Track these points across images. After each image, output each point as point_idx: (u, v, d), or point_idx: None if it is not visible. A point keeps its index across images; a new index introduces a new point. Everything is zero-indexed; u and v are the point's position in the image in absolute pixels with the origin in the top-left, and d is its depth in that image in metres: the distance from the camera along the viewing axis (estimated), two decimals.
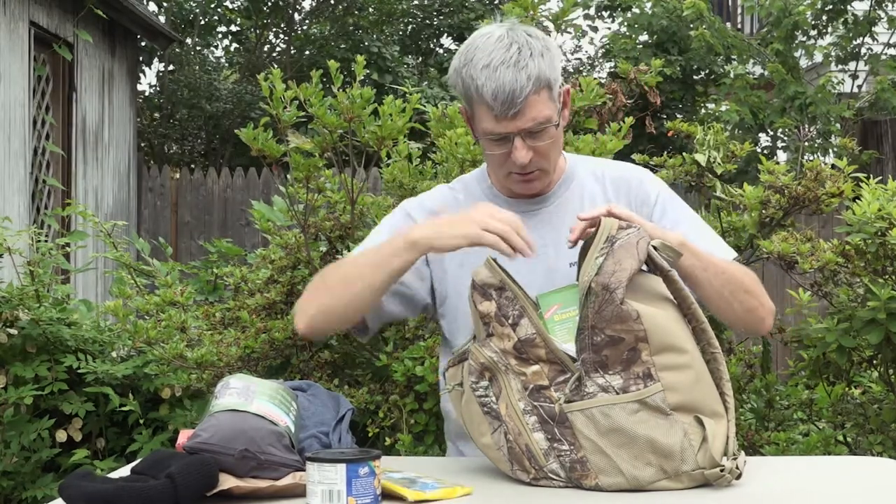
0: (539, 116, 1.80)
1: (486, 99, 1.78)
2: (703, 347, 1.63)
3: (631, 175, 2.00)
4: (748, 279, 1.86)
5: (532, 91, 1.77)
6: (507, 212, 1.72)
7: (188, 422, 3.23)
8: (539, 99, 1.79)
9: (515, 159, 1.83)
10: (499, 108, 1.78)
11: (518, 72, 1.76)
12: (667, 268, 1.63)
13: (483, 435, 1.65)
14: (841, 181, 2.76)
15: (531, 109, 1.79)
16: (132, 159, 9.27)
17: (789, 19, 8.19)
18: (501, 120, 1.79)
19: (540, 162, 1.86)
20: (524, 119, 1.79)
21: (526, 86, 1.76)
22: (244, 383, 1.62)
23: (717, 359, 1.64)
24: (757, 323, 1.87)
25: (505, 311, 1.62)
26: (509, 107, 1.77)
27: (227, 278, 3.08)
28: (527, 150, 1.82)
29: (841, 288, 2.73)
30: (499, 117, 1.79)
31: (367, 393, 2.71)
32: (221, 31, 13.44)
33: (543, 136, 1.83)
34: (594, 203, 1.93)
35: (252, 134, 2.64)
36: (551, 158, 1.88)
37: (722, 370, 1.64)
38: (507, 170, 1.87)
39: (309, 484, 1.45)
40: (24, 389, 3.19)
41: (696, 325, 1.64)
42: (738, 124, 8.06)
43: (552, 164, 1.90)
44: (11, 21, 6.87)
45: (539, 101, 1.79)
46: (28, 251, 3.93)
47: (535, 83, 1.77)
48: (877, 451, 2.69)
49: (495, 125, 1.81)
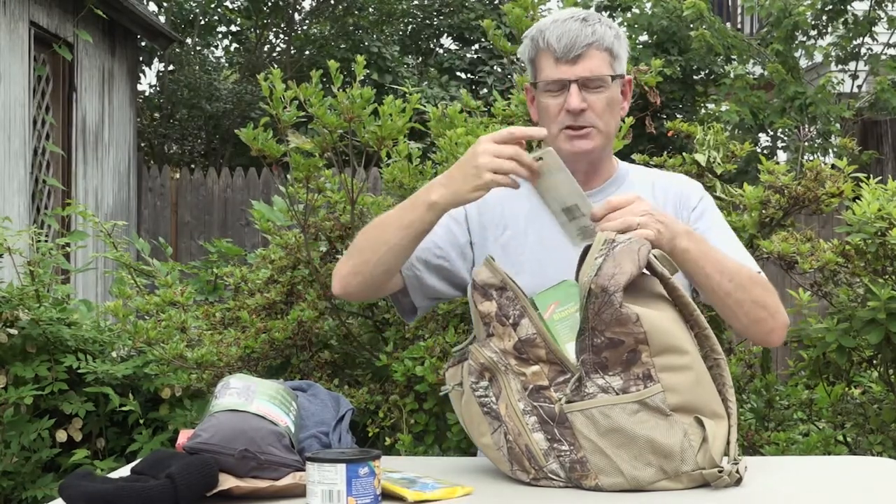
0: (595, 70, 1.88)
1: (550, 43, 1.88)
2: (706, 353, 1.63)
3: (678, 182, 2.05)
4: (760, 289, 1.84)
5: (594, 44, 1.88)
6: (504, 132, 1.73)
7: (188, 422, 3.23)
8: (599, 56, 1.89)
9: (569, 104, 1.88)
10: (560, 50, 1.87)
11: (584, 26, 1.88)
12: (667, 275, 1.63)
13: (483, 435, 1.65)
14: (841, 181, 2.76)
15: (589, 60, 1.88)
16: (132, 159, 9.27)
17: (789, 19, 8.19)
18: (560, 65, 1.88)
19: (592, 118, 1.90)
20: (582, 66, 1.88)
21: (589, 37, 1.87)
22: (244, 383, 1.62)
23: (721, 364, 1.64)
24: (764, 334, 1.87)
25: (505, 310, 1.63)
26: (570, 50, 1.86)
27: (227, 278, 3.08)
28: (581, 98, 1.88)
29: (841, 288, 2.73)
30: (559, 61, 1.88)
31: (367, 393, 2.71)
32: (221, 31, 13.44)
33: (598, 91, 1.89)
34: None
35: (252, 134, 2.64)
36: (605, 119, 1.92)
37: (725, 376, 1.64)
38: (561, 124, 1.91)
39: (309, 484, 1.45)
40: (24, 389, 3.20)
41: (698, 331, 1.63)
42: (738, 124, 8.06)
43: (605, 126, 1.92)
44: (11, 21, 6.87)
45: (599, 57, 1.89)
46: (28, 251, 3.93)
47: (599, 40, 1.88)
48: (877, 451, 2.69)
49: (554, 70, 1.89)
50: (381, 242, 1.84)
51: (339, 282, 1.92)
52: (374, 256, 1.86)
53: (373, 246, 1.86)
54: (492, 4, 12.61)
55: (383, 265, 1.86)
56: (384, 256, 1.85)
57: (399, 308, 2.03)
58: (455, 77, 11.97)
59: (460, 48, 12.69)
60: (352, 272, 1.90)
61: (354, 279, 1.90)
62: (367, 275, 1.88)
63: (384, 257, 1.85)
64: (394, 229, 1.83)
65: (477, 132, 2.74)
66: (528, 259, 1.94)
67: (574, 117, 1.89)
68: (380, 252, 1.85)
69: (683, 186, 2.03)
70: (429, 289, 1.97)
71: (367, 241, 1.89)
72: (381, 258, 1.85)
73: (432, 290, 1.98)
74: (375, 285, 1.92)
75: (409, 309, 2.01)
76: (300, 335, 2.77)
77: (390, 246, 1.83)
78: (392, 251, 1.84)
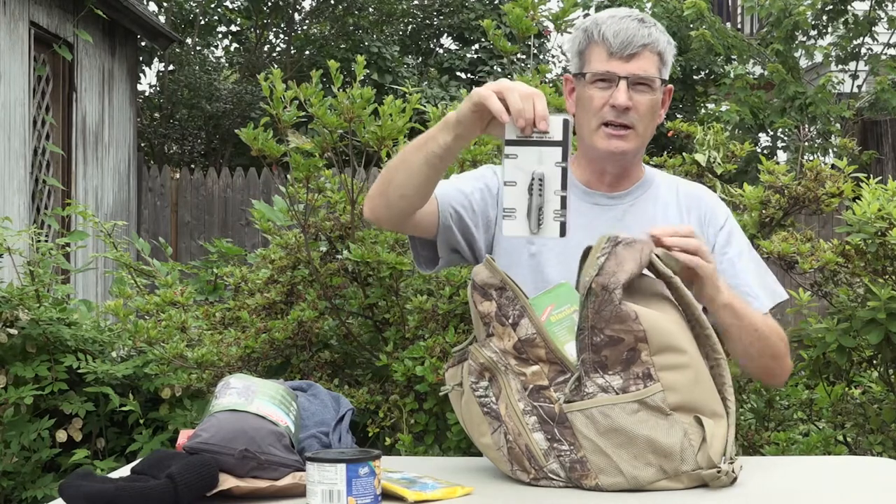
0: (647, 70, 1.90)
1: (606, 37, 1.89)
2: (707, 353, 1.63)
3: (703, 193, 2.06)
4: (776, 345, 1.88)
5: (648, 46, 1.89)
6: (532, 88, 1.65)
7: (188, 422, 3.22)
8: (651, 58, 1.90)
9: (615, 99, 1.88)
10: (616, 45, 1.88)
11: (641, 27, 1.90)
12: (669, 274, 1.63)
13: (483, 435, 1.65)
14: (841, 181, 2.76)
15: (643, 60, 1.89)
16: (132, 159, 9.27)
17: (789, 19, 8.19)
18: (613, 60, 1.89)
19: (635, 118, 1.91)
20: (634, 65, 1.89)
21: (646, 38, 1.89)
22: (244, 383, 1.62)
23: (721, 364, 1.64)
24: (769, 379, 1.97)
25: (505, 310, 1.63)
26: (626, 47, 1.88)
27: (227, 278, 3.08)
28: (628, 96, 1.88)
29: (841, 288, 2.73)
30: (612, 55, 1.89)
31: (367, 393, 2.71)
32: (221, 31, 13.44)
33: (645, 92, 1.90)
34: (667, 210, 1.99)
35: (252, 134, 2.64)
36: (645, 122, 1.92)
37: (725, 376, 1.64)
38: (602, 119, 1.91)
39: (309, 484, 1.45)
40: (24, 389, 3.19)
41: (699, 331, 1.64)
42: (738, 124, 8.06)
43: (644, 129, 1.93)
44: (11, 21, 6.87)
45: (651, 59, 1.90)
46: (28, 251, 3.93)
47: (653, 43, 1.90)
48: (877, 451, 2.69)
49: (606, 63, 1.89)
50: (401, 162, 1.83)
51: (367, 203, 1.91)
52: (395, 177, 1.84)
53: (395, 165, 1.85)
54: (492, 4, 12.61)
55: (402, 188, 1.83)
56: (403, 177, 1.82)
57: (417, 259, 2.03)
58: (455, 77, 11.98)
59: (460, 48, 12.69)
60: (376, 193, 1.88)
61: (379, 200, 1.88)
62: (389, 196, 1.85)
63: (403, 179, 1.82)
64: (412, 149, 1.81)
65: None
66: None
67: (617, 114, 1.90)
68: (400, 173, 1.82)
69: (710, 201, 2.04)
70: (454, 239, 1.95)
71: (391, 164, 1.88)
72: (401, 180, 1.82)
73: (455, 241, 1.96)
74: (398, 210, 1.88)
75: (425, 260, 2.01)
76: (300, 335, 2.77)
77: (408, 165, 1.80)
78: (409, 171, 1.80)
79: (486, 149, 2.72)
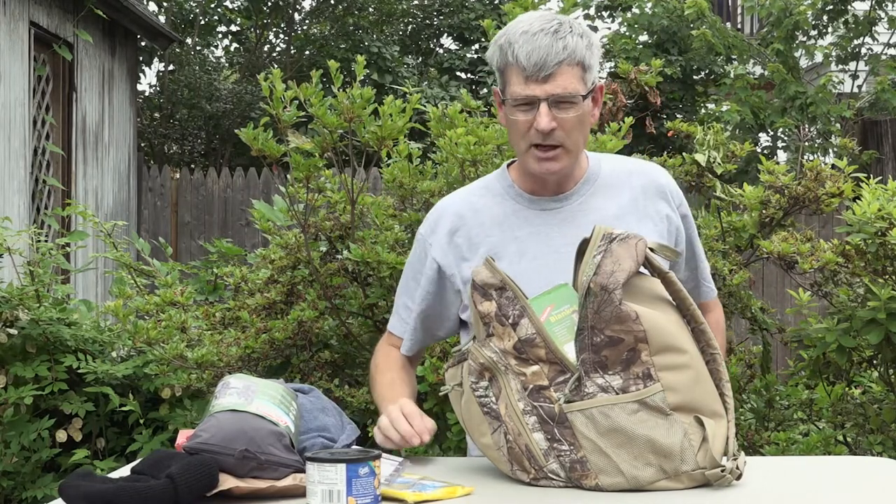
0: (567, 87, 1.81)
1: (519, 59, 1.81)
2: (703, 348, 1.63)
3: (659, 173, 2.01)
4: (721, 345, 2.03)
5: (565, 61, 1.80)
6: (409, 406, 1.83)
7: (188, 422, 3.23)
8: (570, 72, 1.82)
9: (538, 124, 1.82)
10: (530, 68, 1.80)
11: (556, 41, 1.80)
12: (664, 269, 1.63)
13: (483, 435, 1.65)
14: (841, 181, 2.76)
15: (561, 78, 1.81)
16: (132, 159, 9.27)
17: (790, 19, 8.19)
18: (530, 83, 1.81)
19: (562, 137, 1.84)
20: (552, 84, 1.81)
21: (561, 53, 1.80)
22: (244, 383, 1.62)
23: (717, 360, 1.64)
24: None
25: (505, 310, 1.63)
26: (540, 69, 1.80)
27: (227, 278, 3.08)
28: (550, 117, 1.82)
29: (841, 288, 2.73)
30: (528, 79, 1.81)
31: (367, 393, 2.71)
32: (221, 31, 13.44)
33: (569, 109, 1.83)
34: (619, 198, 1.93)
35: (252, 134, 2.64)
36: (574, 137, 1.86)
37: (721, 371, 1.64)
38: (529, 141, 1.86)
39: (309, 484, 1.45)
40: (24, 389, 3.19)
41: (695, 326, 1.64)
42: (738, 124, 8.06)
43: (574, 144, 1.87)
44: (11, 21, 6.87)
45: (570, 73, 1.82)
46: (28, 251, 3.93)
47: (570, 56, 1.81)
48: (877, 451, 2.69)
49: (524, 87, 1.82)
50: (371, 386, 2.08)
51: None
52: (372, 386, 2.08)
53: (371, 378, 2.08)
54: (492, 4, 12.61)
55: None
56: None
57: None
58: (455, 77, 11.97)
59: (460, 48, 12.69)
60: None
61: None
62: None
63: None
64: (375, 396, 2.03)
65: (477, 132, 2.74)
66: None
67: (543, 136, 1.84)
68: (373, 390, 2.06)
69: (666, 179, 2.00)
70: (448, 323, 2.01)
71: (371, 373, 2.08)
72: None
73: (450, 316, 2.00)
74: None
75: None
76: (300, 335, 2.77)
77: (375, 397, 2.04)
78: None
79: (486, 149, 2.72)
